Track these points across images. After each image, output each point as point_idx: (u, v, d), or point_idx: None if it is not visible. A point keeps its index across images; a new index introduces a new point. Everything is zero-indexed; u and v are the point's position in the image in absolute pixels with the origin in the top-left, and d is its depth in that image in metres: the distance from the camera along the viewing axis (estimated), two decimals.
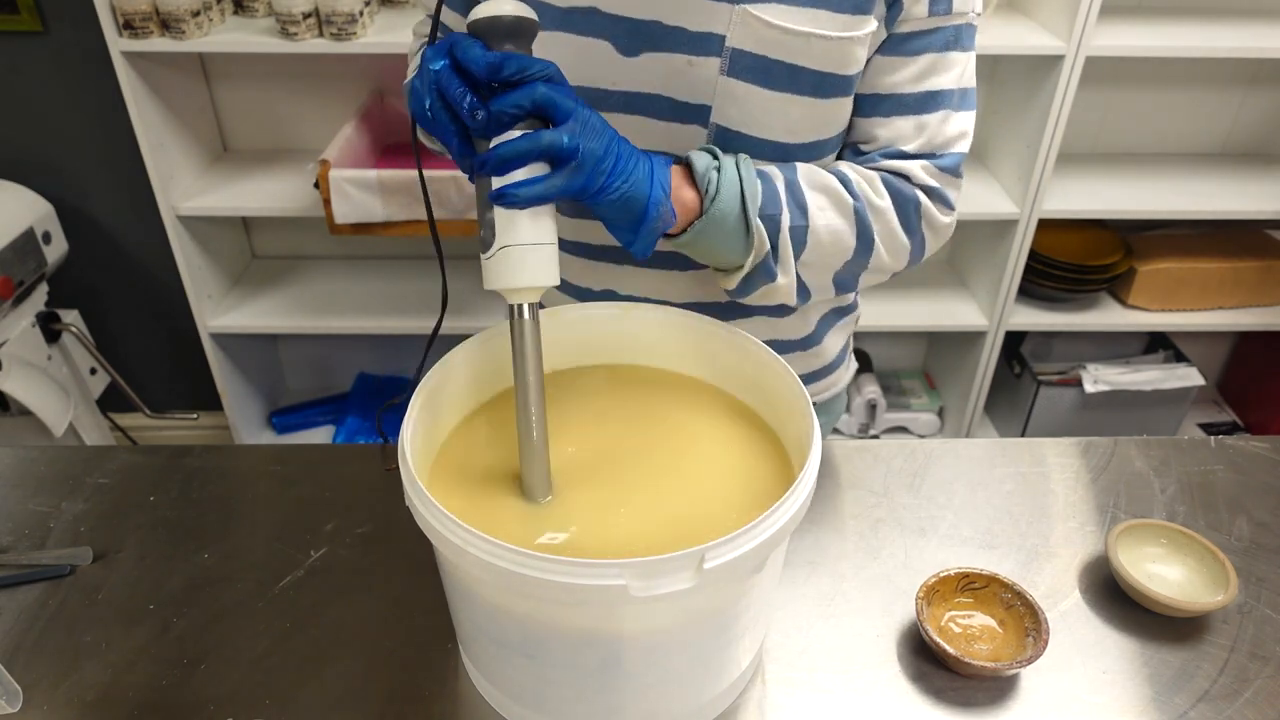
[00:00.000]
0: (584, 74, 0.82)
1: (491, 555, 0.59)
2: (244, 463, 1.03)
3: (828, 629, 0.83)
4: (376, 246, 2.27)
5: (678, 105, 0.82)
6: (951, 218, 0.89)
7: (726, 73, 0.79)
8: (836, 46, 0.78)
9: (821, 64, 0.79)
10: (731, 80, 0.80)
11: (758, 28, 0.78)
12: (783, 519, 0.63)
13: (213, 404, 2.22)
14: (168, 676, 0.78)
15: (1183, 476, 1.02)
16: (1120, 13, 1.93)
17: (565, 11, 0.81)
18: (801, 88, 0.80)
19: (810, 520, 0.94)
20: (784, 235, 0.81)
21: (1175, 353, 2.29)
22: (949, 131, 0.85)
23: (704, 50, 0.79)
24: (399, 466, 0.67)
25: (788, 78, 0.79)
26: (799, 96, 0.80)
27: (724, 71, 0.79)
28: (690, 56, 0.80)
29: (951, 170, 0.87)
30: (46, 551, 0.89)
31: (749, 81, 0.80)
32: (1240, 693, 0.78)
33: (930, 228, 0.88)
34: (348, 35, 1.72)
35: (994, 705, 0.77)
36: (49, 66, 1.96)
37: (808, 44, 0.78)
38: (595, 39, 0.81)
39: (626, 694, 0.69)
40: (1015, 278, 2.03)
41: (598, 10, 0.80)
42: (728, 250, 0.80)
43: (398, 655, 0.80)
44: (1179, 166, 2.16)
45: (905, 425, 2.40)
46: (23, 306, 1.95)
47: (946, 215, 0.88)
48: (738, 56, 0.79)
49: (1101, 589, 0.87)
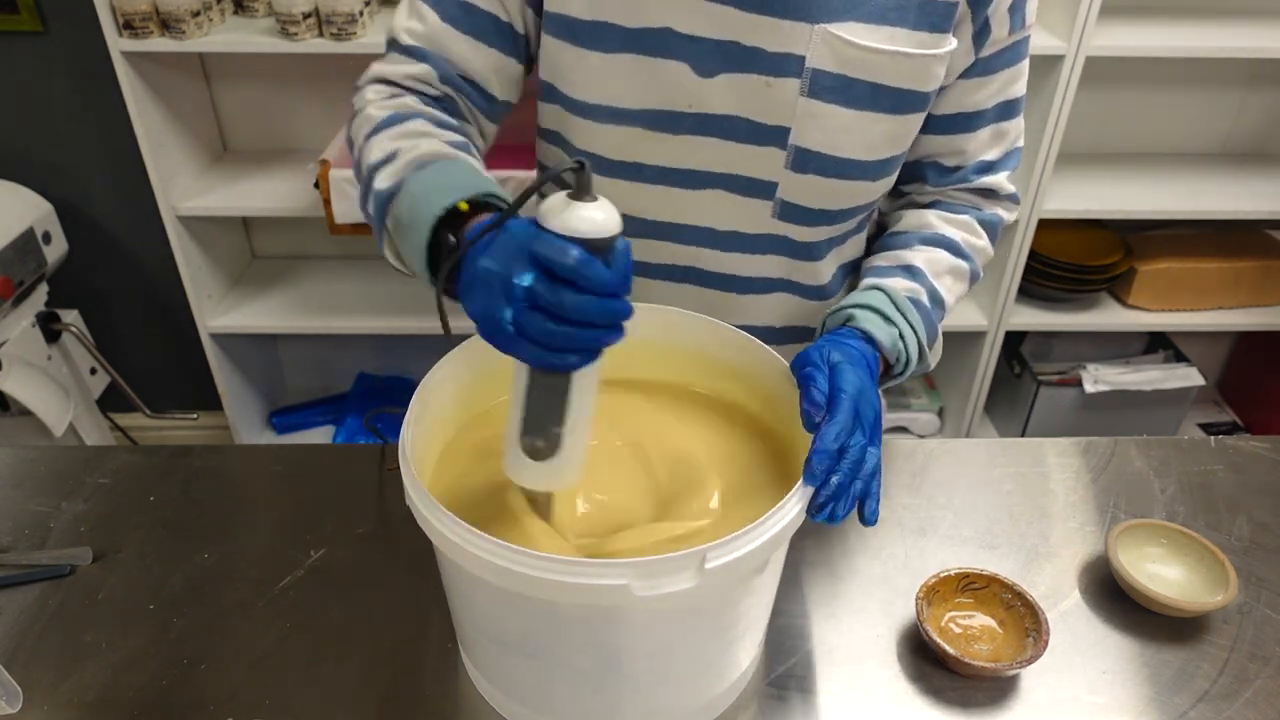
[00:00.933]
0: (658, 96, 0.81)
1: (491, 555, 0.59)
2: (244, 463, 1.03)
3: (828, 629, 0.83)
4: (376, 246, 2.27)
5: (755, 127, 0.81)
6: (1015, 213, 0.97)
7: (807, 93, 0.79)
8: (917, 64, 0.79)
9: (902, 81, 0.79)
10: (812, 101, 0.79)
11: (838, 47, 0.77)
12: (783, 520, 0.63)
13: (213, 404, 2.22)
14: (168, 676, 0.78)
15: (1183, 476, 1.02)
16: (1120, 13, 1.93)
17: (635, 32, 0.79)
18: (881, 105, 0.80)
19: (811, 520, 0.94)
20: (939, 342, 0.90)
21: (1175, 353, 2.29)
22: (1017, 133, 0.91)
23: (783, 71, 0.78)
24: (399, 466, 0.67)
25: (869, 96, 0.79)
26: (879, 114, 0.81)
27: (804, 92, 0.79)
28: (769, 78, 0.79)
29: (1018, 167, 0.93)
30: (46, 551, 0.89)
31: (830, 101, 0.79)
32: (1240, 693, 0.78)
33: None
34: (348, 35, 1.72)
35: (994, 705, 0.77)
36: (49, 66, 1.96)
37: (890, 62, 0.78)
38: (671, 60, 0.79)
39: (626, 694, 0.69)
40: (1015, 278, 2.03)
41: (673, 31, 0.78)
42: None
43: (398, 655, 0.80)
44: (1179, 166, 2.15)
45: (905, 425, 2.39)
46: (23, 306, 1.95)
47: (1012, 214, 0.97)
48: (818, 76, 0.78)
49: (1101, 589, 0.87)
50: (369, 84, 0.85)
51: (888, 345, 0.81)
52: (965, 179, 0.91)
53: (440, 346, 0.75)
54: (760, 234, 0.88)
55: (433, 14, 0.82)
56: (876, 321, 0.81)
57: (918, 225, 0.92)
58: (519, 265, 0.58)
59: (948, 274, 0.89)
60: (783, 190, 0.84)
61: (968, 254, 0.91)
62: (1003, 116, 0.88)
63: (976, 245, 0.92)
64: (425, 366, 0.75)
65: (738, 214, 0.87)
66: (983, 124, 0.88)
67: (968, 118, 0.87)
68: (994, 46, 0.82)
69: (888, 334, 0.81)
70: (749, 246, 0.89)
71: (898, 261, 0.89)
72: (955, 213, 0.93)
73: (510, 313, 0.59)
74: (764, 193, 0.85)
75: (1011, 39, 0.83)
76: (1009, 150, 0.91)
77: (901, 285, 0.85)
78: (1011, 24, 0.81)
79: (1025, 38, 0.85)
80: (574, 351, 0.60)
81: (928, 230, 0.91)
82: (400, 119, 0.79)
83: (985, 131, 0.88)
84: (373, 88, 0.85)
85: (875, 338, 0.80)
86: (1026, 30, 0.84)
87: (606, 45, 0.79)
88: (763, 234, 0.88)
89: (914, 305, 0.84)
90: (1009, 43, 0.83)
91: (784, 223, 0.87)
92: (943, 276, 0.89)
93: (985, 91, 0.86)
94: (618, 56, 0.79)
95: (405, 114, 0.80)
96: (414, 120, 0.79)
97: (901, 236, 0.92)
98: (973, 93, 0.85)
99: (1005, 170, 0.92)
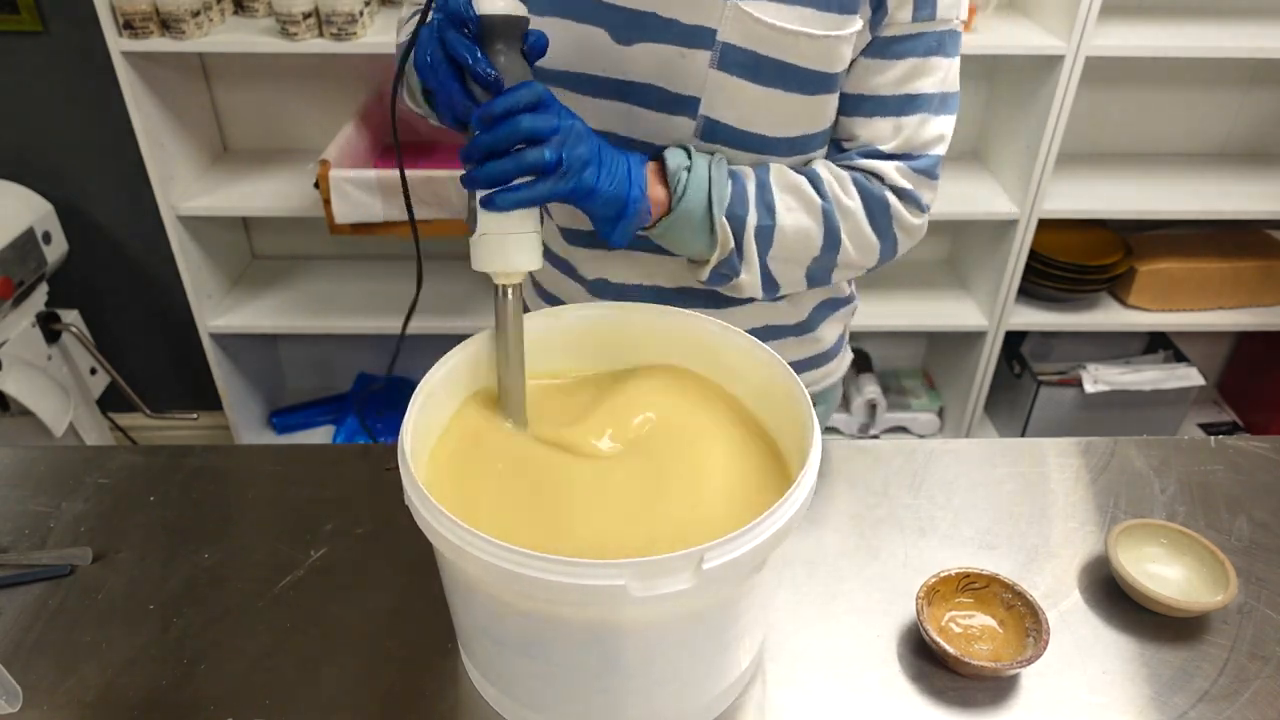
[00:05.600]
0: (578, 60, 0.84)
1: (491, 555, 0.59)
2: (244, 463, 1.03)
3: (828, 629, 0.83)
4: (376, 246, 2.27)
5: (668, 96, 0.84)
6: (923, 219, 0.92)
7: (717, 66, 0.81)
8: (823, 45, 0.80)
9: (808, 61, 0.81)
10: (721, 74, 0.81)
11: (748, 24, 0.79)
12: (782, 519, 0.63)
13: (213, 404, 2.22)
14: (168, 676, 0.78)
15: (1183, 476, 1.02)
16: (1120, 13, 1.93)
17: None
18: (789, 84, 0.82)
19: (810, 520, 0.94)
20: (749, 234, 0.85)
21: (1175, 353, 2.29)
22: (926, 134, 0.88)
23: (696, 43, 0.81)
24: (399, 466, 0.67)
25: (776, 74, 0.81)
26: (786, 93, 0.82)
27: (714, 65, 0.81)
28: (682, 48, 0.81)
29: (926, 172, 0.89)
30: (46, 551, 0.89)
31: (738, 76, 0.81)
32: (1240, 693, 0.78)
33: (901, 228, 0.90)
34: (348, 35, 1.72)
35: (994, 705, 0.77)
36: (49, 66, 1.96)
37: (796, 42, 0.80)
38: (591, 26, 0.83)
39: (626, 694, 0.69)
40: (1015, 278, 2.03)
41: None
42: (695, 245, 0.85)
43: (398, 655, 0.80)
44: (1179, 166, 2.16)
45: (905, 425, 2.39)
46: (23, 306, 1.95)
47: (918, 217, 0.91)
48: (728, 51, 0.81)
49: (1101, 589, 0.87)
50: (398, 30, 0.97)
51: (671, 166, 0.83)
52: (850, 158, 0.89)
53: (440, 346, 0.75)
54: None
55: None
56: (677, 153, 0.84)
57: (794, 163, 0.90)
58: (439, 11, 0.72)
59: (791, 191, 0.86)
60: None
61: (825, 193, 0.87)
62: (903, 110, 0.86)
63: (840, 197, 0.87)
64: (425, 366, 0.75)
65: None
66: (879, 112, 0.86)
67: (863, 100, 0.86)
68: (892, 29, 0.82)
69: (677, 159, 0.83)
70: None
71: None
72: (838, 166, 0.89)
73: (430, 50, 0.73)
74: None
75: (917, 27, 0.82)
76: (911, 150, 0.88)
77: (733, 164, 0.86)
78: (915, 9, 0.81)
79: (940, 32, 0.83)
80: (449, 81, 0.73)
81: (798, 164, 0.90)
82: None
83: (883, 123, 0.86)
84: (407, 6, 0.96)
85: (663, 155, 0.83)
86: (939, 25, 0.83)
87: (536, 7, 0.82)
88: None
89: (731, 174, 0.85)
90: (913, 30, 0.82)
91: None
92: (785, 192, 0.86)
93: (883, 77, 0.84)
94: (545, 19, 0.83)
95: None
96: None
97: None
98: (869, 74, 0.84)
99: (897, 161, 0.88)
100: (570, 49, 0.84)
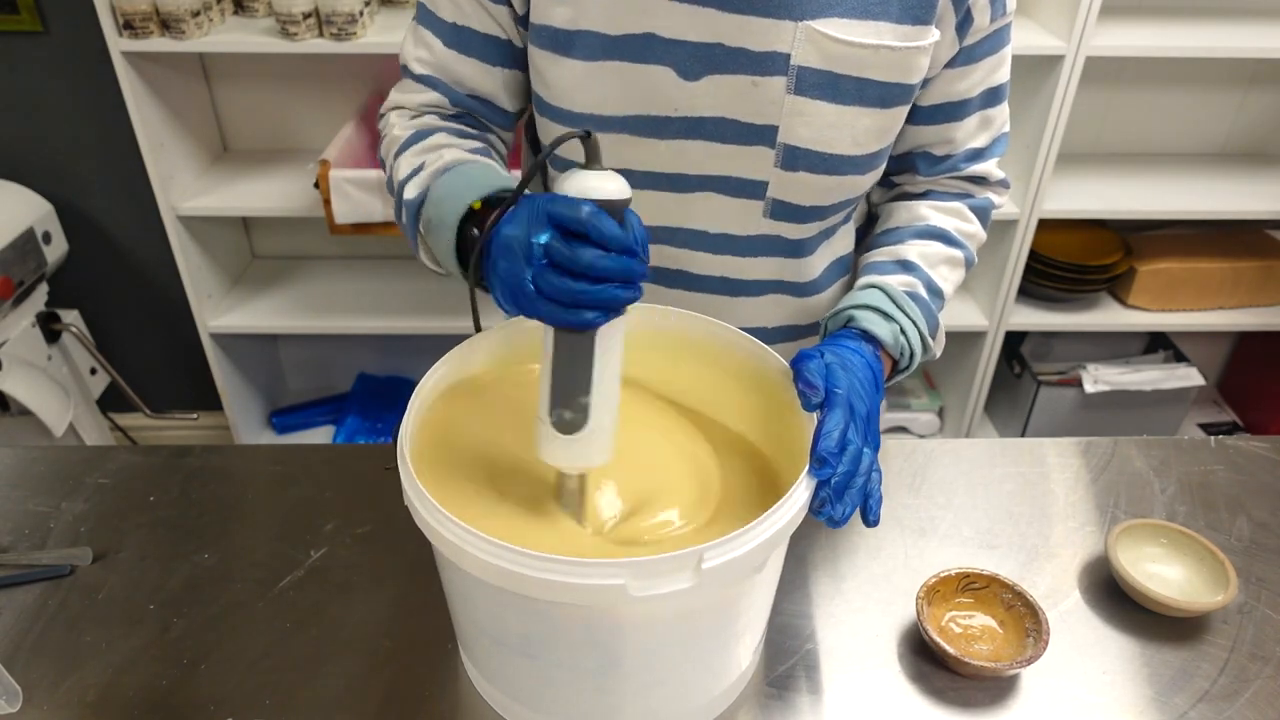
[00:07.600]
0: (643, 102, 0.81)
1: (491, 555, 0.59)
2: (244, 463, 1.03)
3: (828, 629, 0.83)
4: (376, 246, 2.27)
5: (743, 128, 0.81)
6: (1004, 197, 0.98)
7: (794, 91, 0.79)
8: (902, 57, 0.79)
9: (887, 74, 0.80)
10: (799, 98, 0.79)
11: (824, 43, 0.77)
12: (783, 519, 0.63)
13: (213, 404, 2.22)
14: (168, 676, 0.78)
15: (1183, 476, 1.02)
16: (1120, 13, 1.93)
17: (618, 39, 0.79)
18: (867, 100, 0.80)
19: (810, 520, 0.94)
20: (941, 333, 0.90)
21: (1175, 353, 2.29)
22: (1003, 117, 0.92)
23: (769, 70, 0.78)
24: (399, 466, 0.67)
25: (854, 91, 0.80)
26: (866, 109, 0.81)
27: (790, 90, 0.79)
28: (755, 77, 0.79)
29: (1004, 153, 0.94)
30: (46, 551, 0.89)
31: (816, 98, 0.79)
32: (1240, 693, 0.78)
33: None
34: (348, 35, 1.72)
35: (994, 705, 0.77)
36: (49, 66, 1.96)
37: (876, 56, 0.78)
38: (654, 65, 0.79)
39: (626, 694, 0.69)
40: (1015, 278, 2.03)
41: (656, 36, 0.78)
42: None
43: (398, 655, 0.80)
44: (1179, 166, 2.15)
45: (905, 425, 2.39)
46: (23, 306, 1.95)
47: (1002, 197, 0.97)
48: (804, 74, 0.78)
49: (1101, 589, 0.87)
50: (390, 111, 0.91)
51: (889, 341, 0.81)
52: (955, 167, 0.92)
53: (440, 346, 0.75)
54: (752, 235, 0.88)
55: (437, 41, 0.86)
56: (876, 320, 0.82)
57: (910, 219, 0.93)
58: (536, 227, 0.62)
59: (943, 264, 0.90)
60: (773, 189, 0.85)
61: (960, 242, 0.92)
62: (988, 103, 0.89)
63: (968, 231, 0.93)
64: (425, 366, 0.75)
65: (729, 215, 0.87)
66: (969, 112, 0.88)
67: (954, 106, 0.87)
68: (977, 35, 0.83)
69: (889, 330, 0.82)
70: (741, 248, 0.89)
71: (893, 257, 0.89)
72: (946, 200, 0.93)
73: (530, 272, 0.62)
74: (755, 193, 0.85)
75: (993, 26, 0.83)
76: (996, 136, 0.92)
77: (898, 280, 0.86)
78: (993, 11, 0.82)
79: (1007, 24, 0.85)
80: (592, 308, 0.62)
81: (920, 223, 0.92)
82: (423, 135, 0.85)
83: (972, 119, 0.89)
84: (395, 113, 0.90)
85: (876, 335, 0.81)
86: (1008, 17, 0.84)
87: (589, 53, 0.79)
88: (755, 235, 0.88)
89: (912, 299, 0.85)
90: (990, 30, 0.83)
91: (776, 221, 0.87)
92: (938, 267, 0.90)
93: (970, 80, 0.86)
94: (601, 64, 0.79)
95: (427, 130, 0.86)
96: (436, 134, 0.85)
97: (895, 232, 0.93)
98: (958, 81, 0.86)
99: (994, 156, 0.93)
100: (634, 94, 0.80)
